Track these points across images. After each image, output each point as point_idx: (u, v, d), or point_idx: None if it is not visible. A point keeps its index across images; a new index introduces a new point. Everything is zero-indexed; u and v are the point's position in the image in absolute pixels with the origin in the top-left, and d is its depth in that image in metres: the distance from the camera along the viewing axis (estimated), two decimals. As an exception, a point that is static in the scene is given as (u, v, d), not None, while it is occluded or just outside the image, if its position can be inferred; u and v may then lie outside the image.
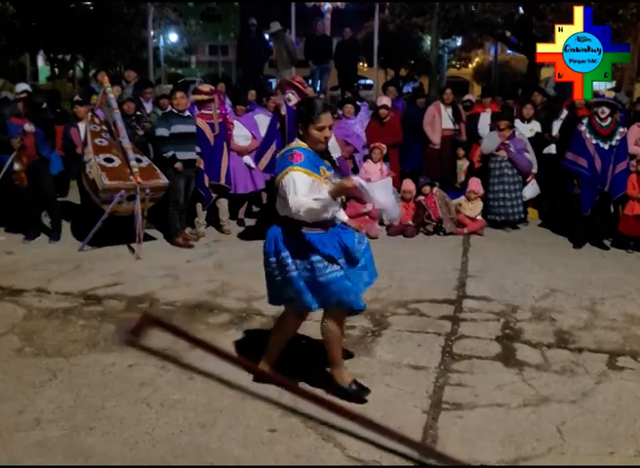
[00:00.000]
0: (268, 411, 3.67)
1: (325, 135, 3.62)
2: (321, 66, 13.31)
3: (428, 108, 9.44)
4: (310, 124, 3.56)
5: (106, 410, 3.69)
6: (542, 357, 4.47)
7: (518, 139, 8.30)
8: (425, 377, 4.10)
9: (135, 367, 4.23)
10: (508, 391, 3.95)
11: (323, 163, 3.67)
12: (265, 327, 4.87)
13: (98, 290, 5.74)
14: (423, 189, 8.16)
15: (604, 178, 7.37)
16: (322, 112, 3.57)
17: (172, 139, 7.19)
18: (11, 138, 7.00)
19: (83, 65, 29.26)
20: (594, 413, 3.69)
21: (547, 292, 5.82)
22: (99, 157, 6.91)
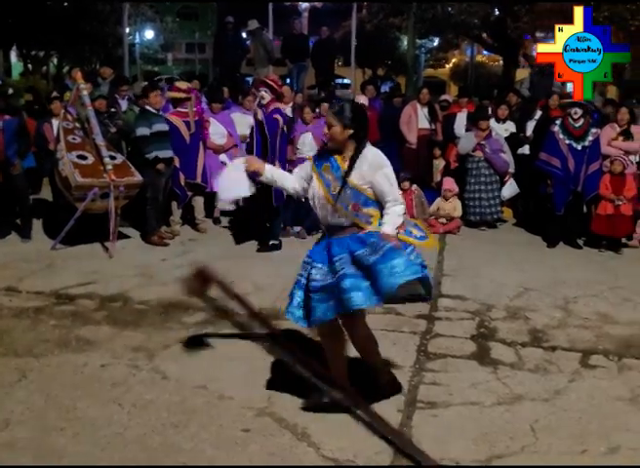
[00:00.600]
0: (242, 411, 3.65)
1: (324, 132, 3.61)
2: (298, 65, 13.29)
3: (405, 108, 9.47)
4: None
5: (77, 411, 3.63)
6: (517, 355, 4.50)
7: (494, 140, 8.36)
8: (400, 376, 4.10)
9: (107, 366, 4.18)
10: (483, 389, 3.97)
11: (332, 160, 3.52)
12: (240, 326, 4.84)
13: (70, 289, 5.66)
14: (403, 184, 8.16)
15: (577, 179, 7.46)
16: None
17: (152, 138, 7.13)
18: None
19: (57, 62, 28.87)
20: (567, 412, 3.72)
21: (522, 291, 5.86)
22: (71, 154, 6.81)
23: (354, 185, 3.43)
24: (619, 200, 7.38)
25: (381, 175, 3.45)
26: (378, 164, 3.46)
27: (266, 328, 4.01)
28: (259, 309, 5.21)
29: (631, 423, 3.61)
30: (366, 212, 3.47)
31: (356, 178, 3.44)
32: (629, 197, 7.43)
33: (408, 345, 4.61)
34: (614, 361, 4.43)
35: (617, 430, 3.53)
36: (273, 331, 4.09)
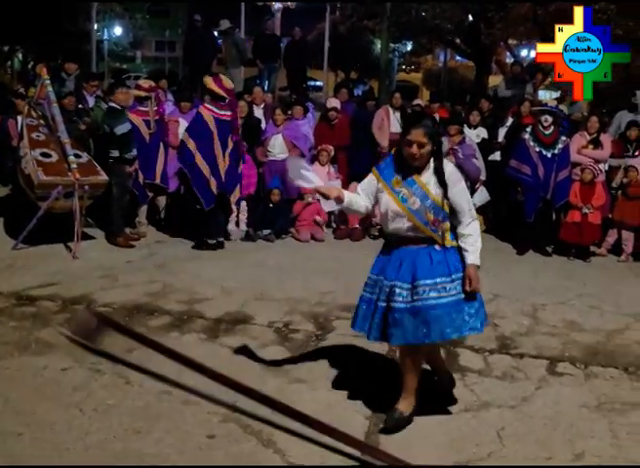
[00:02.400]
0: (208, 416, 3.58)
1: (412, 151, 3.43)
2: (269, 66, 13.21)
3: (377, 112, 9.46)
4: (403, 136, 3.49)
5: (37, 416, 3.53)
6: (484, 362, 4.50)
7: (467, 145, 8.38)
8: (368, 383, 4.07)
9: (68, 370, 4.07)
10: (450, 396, 3.95)
11: (403, 174, 3.49)
12: (207, 330, 4.77)
13: (31, 290, 5.51)
14: None
15: (546, 186, 7.52)
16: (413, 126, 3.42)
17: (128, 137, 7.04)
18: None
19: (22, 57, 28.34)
20: (533, 418, 3.73)
21: (491, 298, 5.87)
22: (35, 151, 6.66)
23: (436, 201, 3.40)
24: (587, 208, 7.46)
25: (459, 191, 3.46)
26: (455, 179, 3.45)
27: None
28: (225, 313, 5.17)
29: (596, 430, 3.63)
30: (443, 226, 3.46)
31: (437, 194, 3.41)
32: (598, 206, 7.52)
33: (377, 351, 4.58)
34: (580, 368, 4.46)
35: (582, 437, 3.55)
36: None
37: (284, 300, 5.53)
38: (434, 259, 3.43)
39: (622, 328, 5.30)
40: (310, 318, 5.15)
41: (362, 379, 4.14)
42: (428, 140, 3.35)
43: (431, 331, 3.36)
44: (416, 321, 3.37)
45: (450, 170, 3.46)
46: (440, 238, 3.46)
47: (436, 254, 3.44)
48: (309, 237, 7.80)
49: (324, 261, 6.89)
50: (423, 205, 3.40)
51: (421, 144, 3.34)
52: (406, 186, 3.43)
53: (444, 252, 3.46)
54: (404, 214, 3.43)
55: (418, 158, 3.38)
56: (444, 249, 3.46)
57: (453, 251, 3.48)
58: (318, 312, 5.28)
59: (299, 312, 5.27)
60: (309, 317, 5.18)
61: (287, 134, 8.29)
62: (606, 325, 5.34)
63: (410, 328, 3.39)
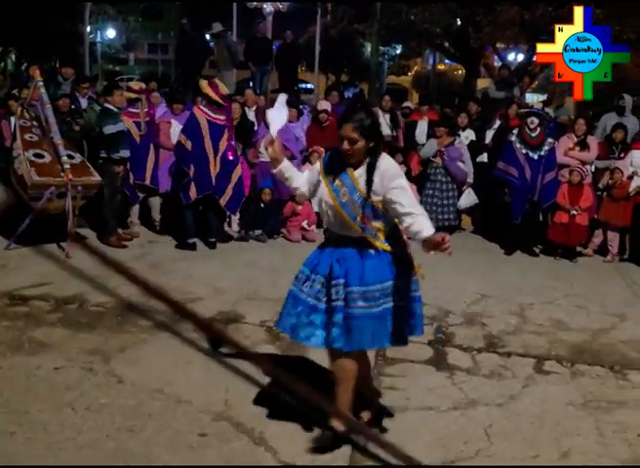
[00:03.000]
0: (199, 415, 3.62)
1: (344, 146, 3.28)
2: (261, 68, 13.25)
3: (367, 114, 9.51)
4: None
5: (29, 415, 3.55)
6: (473, 361, 4.56)
7: (454, 148, 8.47)
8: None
9: (61, 370, 4.10)
10: (439, 394, 4.02)
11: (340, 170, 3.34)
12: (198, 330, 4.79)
13: (24, 290, 5.53)
14: None
15: (533, 188, 7.61)
16: (345, 122, 3.29)
17: (118, 138, 7.07)
18: None
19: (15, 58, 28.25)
20: (520, 416, 3.79)
21: (479, 298, 5.96)
22: (28, 152, 6.67)
23: (364, 196, 3.22)
24: (574, 210, 7.55)
25: (396, 187, 3.21)
26: (391, 174, 3.23)
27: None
28: (218, 312, 5.21)
29: (582, 428, 3.69)
30: (374, 225, 3.26)
31: (365, 189, 3.23)
32: (585, 207, 7.61)
33: (366, 350, 4.63)
34: (567, 367, 4.53)
35: (568, 435, 3.61)
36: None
37: (275, 300, 5.54)
38: (367, 265, 3.25)
39: (608, 327, 5.38)
40: (301, 318, 5.19)
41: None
42: (360, 136, 3.18)
43: (351, 340, 3.22)
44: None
45: (386, 165, 3.25)
46: (372, 237, 3.26)
47: (370, 260, 3.27)
48: (300, 237, 7.85)
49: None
50: (352, 198, 3.23)
51: (352, 140, 3.18)
52: (340, 178, 3.28)
53: (378, 257, 3.27)
54: (333, 205, 3.27)
55: (350, 154, 3.23)
56: (377, 253, 3.27)
57: (386, 257, 3.28)
58: (309, 312, 5.32)
59: (290, 312, 5.30)
60: (300, 317, 5.22)
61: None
62: (592, 324, 5.43)
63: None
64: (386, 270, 3.27)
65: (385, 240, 3.31)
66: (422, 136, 9.12)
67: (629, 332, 5.27)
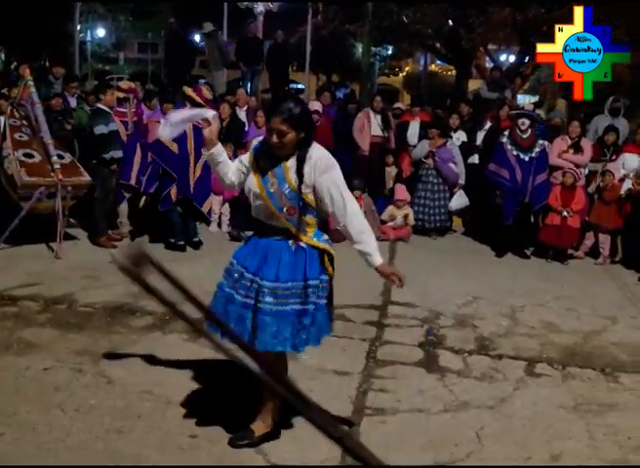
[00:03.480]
0: (189, 416, 3.60)
1: (272, 139, 3.14)
2: (252, 68, 13.23)
3: (358, 115, 9.53)
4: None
5: (18, 416, 3.52)
6: (464, 363, 4.56)
7: (446, 149, 8.48)
8: (349, 383, 4.11)
9: (50, 370, 4.07)
10: (429, 396, 4.01)
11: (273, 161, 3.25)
12: (188, 330, 4.76)
13: (13, 290, 5.49)
14: (354, 193, 8.19)
15: (524, 189, 7.61)
16: (273, 114, 3.14)
17: (110, 138, 7.03)
18: None
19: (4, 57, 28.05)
20: (511, 419, 3.79)
21: (470, 300, 5.96)
22: (18, 152, 6.63)
23: (292, 186, 3.11)
24: (566, 212, 7.57)
25: (328, 178, 3.11)
26: (323, 166, 3.11)
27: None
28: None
29: (573, 431, 3.70)
30: (303, 219, 3.16)
31: (295, 180, 3.11)
32: (577, 209, 7.63)
33: (357, 352, 4.63)
34: (558, 369, 4.54)
35: (559, 438, 3.61)
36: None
37: (266, 302, 5.54)
38: (283, 261, 3.14)
39: (599, 329, 5.40)
40: (292, 319, 5.18)
41: (342, 379, 4.17)
42: (290, 128, 3.04)
43: (257, 339, 3.11)
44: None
45: (318, 155, 3.12)
46: (295, 229, 3.15)
47: (289, 255, 3.16)
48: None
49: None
50: (280, 189, 3.11)
51: (281, 133, 3.04)
52: (270, 168, 3.16)
53: (301, 252, 3.18)
54: (260, 195, 3.16)
55: (279, 147, 3.09)
56: (301, 249, 3.18)
57: (311, 253, 3.20)
58: (300, 313, 5.31)
59: (280, 313, 5.29)
60: (291, 318, 5.20)
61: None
62: (583, 326, 5.44)
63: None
64: (301, 269, 3.16)
65: (315, 235, 3.23)
66: (414, 138, 9.13)
67: (620, 335, 5.28)
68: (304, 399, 1.11)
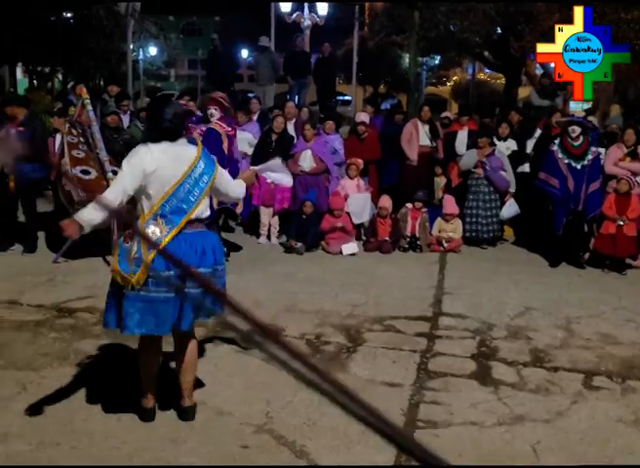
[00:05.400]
0: (241, 427, 3.63)
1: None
2: (299, 82, 13.39)
3: (406, 125, 9.51)
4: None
5: (74, 424, 3.61)
6: (518, 375, 4.47)
7: (495, 158, 8.37)
8: (400, 395, 4.08)
9: (106, 380, 4.16)
10: (483, 409, 3.94)
11: None
12: (242, 341, 4.81)
13: (70, 302, 5.65)
14: (416, 203, 8.17)
15: (577, 198, 7.44)
16: None
17: None
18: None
19: (62, 77, 29.03)
20: (568, 433, 3.69)
21: (523, 311, 5.84)
22: (75, 169, 6.83)
23: None
24: (622, 220, 7.37)
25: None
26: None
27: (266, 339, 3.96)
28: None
29: (634, 446, 3.58)
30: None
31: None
32: (633, 217, 7.42)
33: (408, 363, 4.59)
34: (617, 382, 4.40)
35: (619, 453, 3.50)
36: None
37: (315, 312, 5.56)
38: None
39: (659, 341, 5.22)
40: (341, 330, 5.18)
41: (393, 391, 4.14)
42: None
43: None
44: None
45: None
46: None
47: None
48: (339, 249, 7.84)
49: (354, 274, 6.92)
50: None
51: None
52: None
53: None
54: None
55: None
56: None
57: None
58: (349, 324, 5.30)
59: (329, 324, 5.30)
60: (340, 329, 5.21)
61: (314, 148, 8.40)
62: (642, 338, 5.27)
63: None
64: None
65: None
66: (462, 147, 9.05)
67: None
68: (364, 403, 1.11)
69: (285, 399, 3.93)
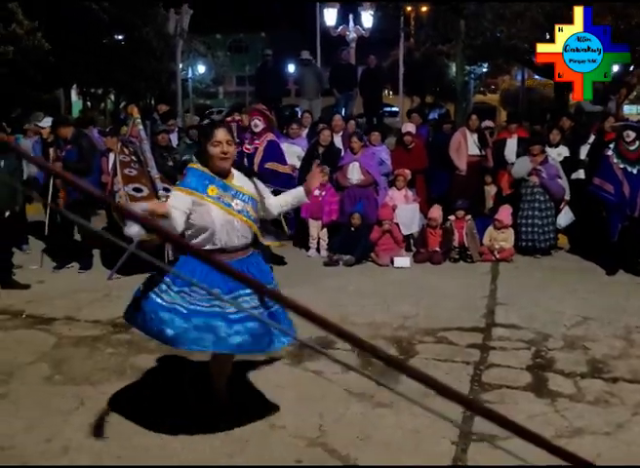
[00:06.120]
0: (294, 441, 3.64)
1: (222, 150, 3.52)
2: (346, 94, 13.44)
3: (454, 134, 9.43)
4: (207, 142, 3.56)
5: (133, 440, 3.68)
6: (576, 387, 4.36)
7: (550, 165, 8.21)
8: (454, 407, 4.00)
9: (162, 395, 4.22)
10: (540, 422, 3.85)
11: (216, 181, 3.54)
12: (290, 355, 4.82)
13: (126, 318, 5.77)
14: (458, 213, 8.09)
15: (633, 203, 7.22)
16: (216, 128, 3.60)
17: None
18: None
19: (114, 98, 29.92)
20: (630, 446, 3.58)
21: (580, 320, 5.69)
22: (128, 187, 6.99)
23: (254, 196, 3.64)
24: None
25: (255, 180, 3.73)
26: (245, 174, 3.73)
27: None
28: (311, 338, 5.23)
29: (700, 459, 3.44)
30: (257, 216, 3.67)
31: (254, 190, 3.66)
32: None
33: (461, 375, 4.53)
34: (680, 393, 4.25)
35: (684, 465, 3.37)
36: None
37: (366, 325, 5.54)
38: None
39: None
40: (393, 342, 5.15)
41: (447, 403, 4.08)
42: (233, 139, 3.57)
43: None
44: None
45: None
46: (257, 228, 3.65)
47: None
48: (389, 261, 7.80)
49: (405, 285, 6.87)
50: (245, 203, 3.57)
51: (229, 142, 3.52)
52: (220, 191, 3.52)
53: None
54: (232, 217, 3.51)
55: (228, 158, 3.53)
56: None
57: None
58: (400, 336, 5.27)
59: (381, 336, 5.27)
60: (392, 341, 5.18)
61: (362, 161, 8.41)
62: None
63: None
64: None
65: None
66: (512, 155, 8.92)
67: None
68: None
69: (337, 412, 3.93)
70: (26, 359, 4.84)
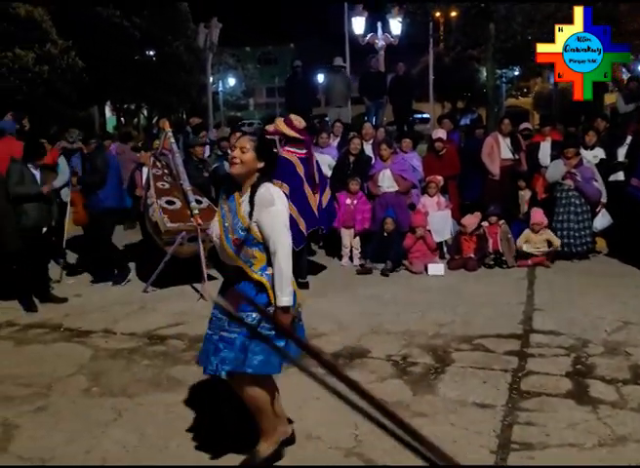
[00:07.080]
0: (330, 452, 3.64)
1: (231, 154, 3.37)
2: (376, 102, 13.43)
3: (486, 139, 9.34)
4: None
5: (169, 450, 3.70)
6: (618, 394, 4.24)
7: (586, 168, 8.05)
8: (492, 416, 3.95)
9: (197, 406, 4.23)
10: (582, 430, 3.76)
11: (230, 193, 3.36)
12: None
13: (161, 330, 5.82)
14: (490, 219, 7.98)
15: (673, 205, 7.06)
16: (233, 133, 3.58)
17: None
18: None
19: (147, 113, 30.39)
20: (677, 454, 3.47)
21: (620, 326, 5.56)
22: (161, 200, 7.08)
23: (242, 220, 3.22)
24: None
25: (267, 214, 3.17)
26: (266, 201, 3.18)
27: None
28: (343, 347, 5.21)
29: None
30: (250, 252, 3.22)
31: (245, 213, 3.22)
32: None
33: (499, 383, 4.45)
34: None
35: None
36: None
37: (401, 333, 5.50)
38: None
39: None
40: (428, 350, 5.09)
41: (485, 412, 4.02)
42: (253, 149, 3.23)
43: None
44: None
45: (265, 189, 3.22)
46: (245, 264, 3.23)
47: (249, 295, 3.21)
48: (423, 268, 7.73)
49: (439, 293, 6.80)
50: (232, 222, 3.25)
51: (244, 149, 3.23)
52: (228, 202, 3.34)
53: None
54: (219, 232, 3.31)
55: (236, 163, 3.24)
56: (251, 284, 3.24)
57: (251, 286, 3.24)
58: (436, 344, 5.20)
59: (416, 345, 5.22)
60: (427, 349, 5.12)
61: (394, 168, 8.36)
62: None
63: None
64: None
65: (260, 269, 3.23)
66: (546, 159, 8.78)
67: None
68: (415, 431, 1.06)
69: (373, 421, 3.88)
70: (65, 372, 4.90)
